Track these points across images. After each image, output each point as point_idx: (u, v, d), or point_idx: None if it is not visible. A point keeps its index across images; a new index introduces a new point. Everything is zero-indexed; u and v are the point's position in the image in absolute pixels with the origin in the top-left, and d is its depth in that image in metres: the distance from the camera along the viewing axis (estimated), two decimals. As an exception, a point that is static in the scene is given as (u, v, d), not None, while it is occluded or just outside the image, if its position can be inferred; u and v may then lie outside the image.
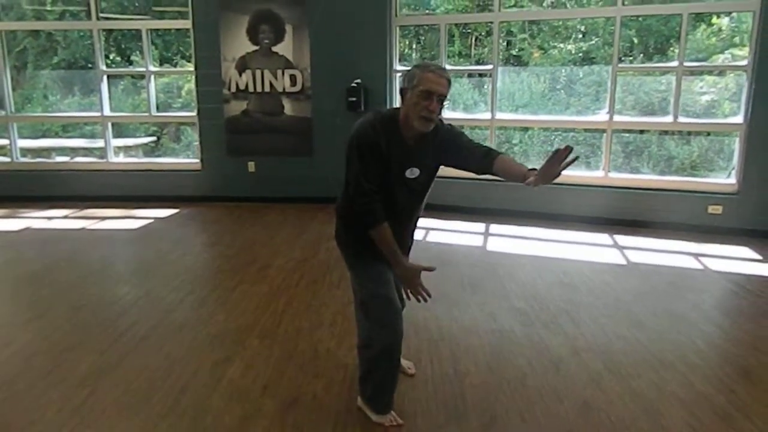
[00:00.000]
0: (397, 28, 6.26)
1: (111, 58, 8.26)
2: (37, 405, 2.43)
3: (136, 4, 8.22)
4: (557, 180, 1.88)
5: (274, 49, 6.35)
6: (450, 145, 2.17)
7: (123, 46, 8.69)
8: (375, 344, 2.17)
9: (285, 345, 3.00)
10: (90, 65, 7.37)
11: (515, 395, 2.51)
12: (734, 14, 6.26)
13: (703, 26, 6.78)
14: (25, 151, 7.22)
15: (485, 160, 2.10)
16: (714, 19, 6.64)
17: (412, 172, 2.13)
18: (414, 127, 2.05)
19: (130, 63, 8.43)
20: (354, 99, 6.05)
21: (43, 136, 8.27)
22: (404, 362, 2.49)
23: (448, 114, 6.44)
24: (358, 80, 6.08)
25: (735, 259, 4.56)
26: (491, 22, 6.00)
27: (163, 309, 3.48)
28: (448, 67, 6.27)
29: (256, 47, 6.35)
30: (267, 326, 3.24)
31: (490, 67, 6.06)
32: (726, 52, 6.51)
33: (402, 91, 2.07)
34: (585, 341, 3.05)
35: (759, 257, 4.60)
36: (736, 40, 6.37)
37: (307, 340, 3.05)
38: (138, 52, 7.80)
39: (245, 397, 2.49)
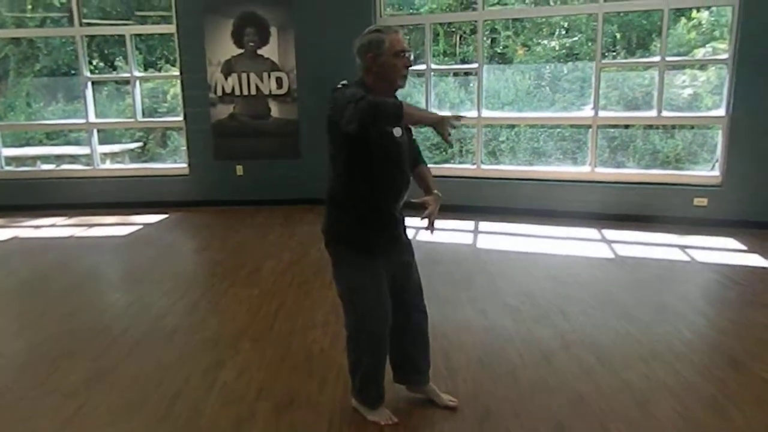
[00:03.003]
0: (382, 29, 6.26)
1: (94, 64, 8.20)
2: (30, 415, 2.42)
3: (118, 10, 8.18)
4: (545, 176, 1.95)
5: (260, 51, 6.34)
6: None
7: (106, 51, 8.63)
8: (363, 332, 2.22)
9: (278, 347, 3.00)
10: (73, 71, 7.32)
11: (508, 389, 2.54)
12: (714, 8, 6.35)
13: (684, 20, 6.88)
14: (10, 160, 7.14)
15: (416, 158, 2.35)
16: (694, 13, 6.74)
17: (397, 131, 2.21)
18: (396, 87, 2.18)
19: (114, 68, 8.37)
20: (341, 100, 6.04)
21: (27, 145, 8.19)
22: (445, 396, 2.48)
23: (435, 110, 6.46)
24: (345, 81, 6.06)
25: (720, 250, 4.63)
26: (475, 21, 6.04)
27: (154, 315, 3.47)
28: (433, 66, 6.30)
29: (241, 50, 6.34)
30: (259, 329, 3.24)
31: (475, 65, 6.10)
32: (707, 45, 6.61)
33: (371, 58, 2.15)
34: (575, 335, 3.09)
35: (744, 248, 4.68)
36: (717, 33, 6.47)
37: (300, 341, 3.06)
38: (122, 58, 7.75)
39: (239, 400, 2.50)
